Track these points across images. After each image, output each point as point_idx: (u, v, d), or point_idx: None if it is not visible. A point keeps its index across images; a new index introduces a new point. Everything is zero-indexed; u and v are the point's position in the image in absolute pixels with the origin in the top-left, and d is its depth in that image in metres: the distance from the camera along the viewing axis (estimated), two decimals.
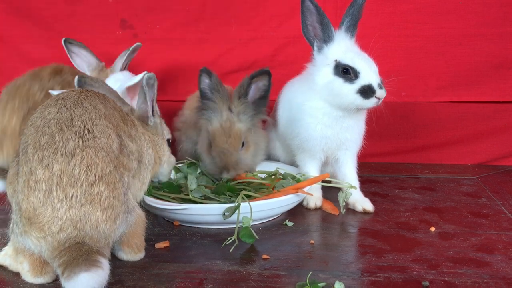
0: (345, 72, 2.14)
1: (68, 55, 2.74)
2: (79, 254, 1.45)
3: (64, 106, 1.59)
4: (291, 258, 1.79)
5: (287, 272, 1.68)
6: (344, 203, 2.18)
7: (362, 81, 2.12)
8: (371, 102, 2.13)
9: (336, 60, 2.17)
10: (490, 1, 2.84)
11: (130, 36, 3.09)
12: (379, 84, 2.12)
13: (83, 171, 1.50)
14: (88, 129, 1.56)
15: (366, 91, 2.11)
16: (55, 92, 1.88)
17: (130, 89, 2.17)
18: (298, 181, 2.21)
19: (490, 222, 2.09)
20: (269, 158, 2.57)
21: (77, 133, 1.54)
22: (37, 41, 3.09)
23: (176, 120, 2.72)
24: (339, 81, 2.16)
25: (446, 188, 2.55)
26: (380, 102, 2.14)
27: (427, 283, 1.59)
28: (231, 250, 1.82)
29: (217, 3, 3.04)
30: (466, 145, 2.98)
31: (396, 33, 2.91)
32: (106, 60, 3.07)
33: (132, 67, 3.01)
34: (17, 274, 1.64)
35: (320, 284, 1.56)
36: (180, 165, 2.38)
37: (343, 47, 2.19)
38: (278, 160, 2.58)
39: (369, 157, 2.83)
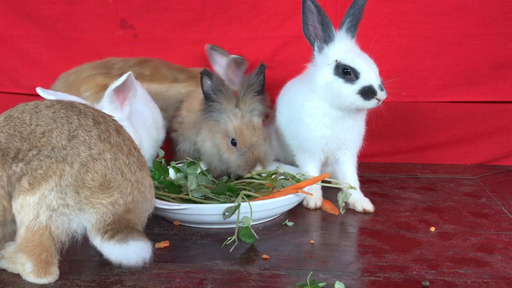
0: (346, 72, 2.14)
1: (209, 61, 2.88)
2: (132, 225, 1.60)
3: (73, 102, 1.73)
4: (291, 258, 1.79)
5: (287, 272, 1.68)
6: (344, 204, 2.18)
7: (362, 82, 2.12)
8: (372, 103, 2.13)
9: (336, 61, 2.17)
10: (490, 1, 2.83)
11: (130, 36, 3.08)
12: (379, 85, 2.12)
13: (131, 142, 1.71)
14: (107, 115, 1.74)
15: (367, 92, 2.11)
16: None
17: (117, 91, 2.17)
18: (298, 181, 2.21)
19: (490, 222, 2.09)
20: None
21: (108, 116, 1.72)
22: (37, 41, 3.09)
23: (174, 121, 2.71)
24: (339, 82, 2.16)
25: (446, 188, 2.55)
26: (380, 103, 2.14)
27: (427, 283, 1.59)
28: (231, 250, 1.82)
29: (217, 3, 3.04)
30: (466, 145, 2.97)
31: (396, 33, 2.91)
32: None
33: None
34: (17, 275, 1.64)
35: (320, 284, 1.56)
36: (180, 165, 2.38)
37: (343, 47, 2.19)
38: (278, 160, 2.58)
39: (369, 157, 2.83)
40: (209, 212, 1.98)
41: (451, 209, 2.25)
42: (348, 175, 2.33)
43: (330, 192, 2.32)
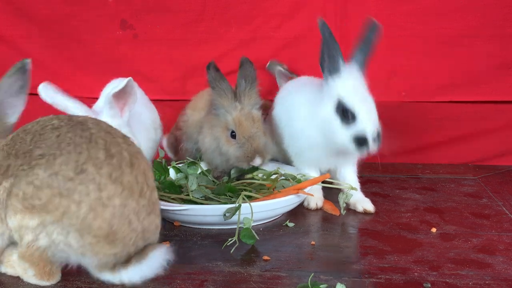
0: (344, 113, 2.09)
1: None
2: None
3: (86, 122, 1.56)
4: (292, 259, 1.78)
5: (288, 273, 1.68)
6: (345, 204, 2.18)
7: (358, 128, 2.07)
8: (362, 152, 2.11)
9: (338, 98, 2.12)
10: (490, 2, 2.83)
11: (130, 37, 3.08)
12: (374, 138, 2.07)
13: (143, 179, 1.53)
14: (124, 136, 1.59)
15: (360, 141, 2.07)
16: None
17: (116, 96, 2.15)
18: (299, 181, 2.21)
19: (491, 223, 2.09)
20: None
21: (123, 142, 1.55)
22: (37, 41, 3.09)
23: (179, 120, 2.72)
24: (336, 121, 2.11)
25: (447, 188, 2.55)
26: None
27: (429, 285, 1.58)
28: (231, 251, 1.82)
29: (217, 3, 3.04)
30: (466, 145, 2.98)
31: (397, 33, 2.91)
32: (106, 61, 3.07)
33: (132, 68, 3.01)
34: (17, 277, 1.64)
35: (322, 286, 1.56)
36: (180, 165, 2.38)
37: (349, 85, 2.12)
38: (277, 160, 2.57)
39: (369, 157, 2.82)
40: (209, 213, 1.98)
41: (452, 210, 2.24)
42: (348, 177, 2.33)
43: (331, 192, 2.32)
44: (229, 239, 1.86)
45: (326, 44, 2.11)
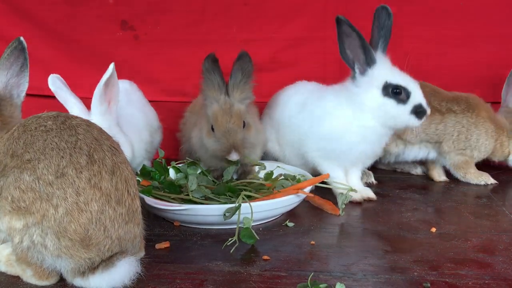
0: (396, 93, 2.17)
1: None
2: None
3: (76, 127, 1.57)
4: (292, 259, 1.78)
5: (288, 273, 1.68)
6: (344, 206, 2.18)
7: (414, 101, 2.17)
8: (421, 122, 2.19)
9: (386, 82, 2.19)
10: (491, 2, 2.84)
11: (130, 37, 3.09)
12: (426, 103, 2.19)
13: (124, 187, 1.56)
14: (113, 146, 1.60)
15: (419, 111, 2.17)
16: None
17: (105, 88, 2.14)
18: (299, 181, 2.21)
19: (491, 223, 2.09)
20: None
21: (108, 150, 1.57)
22: (38, 42, 3.09)
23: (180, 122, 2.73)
24: (391, 103, 2.18)
25: (447, 188, 2.55)
26: None
27: (429, 284, 1.58)
28: (231, 251, 1.82)
29: (217, 4, 3.04)
30: None
31: (398, 34, 2.90)
32: (107, 62, 3.07)
33: (132, 69, 3.01)
34: (16, 277, 1.64)
35: (321, 286, 1.56)
36: (180, 165, 2.38)
37: (387, 68, 2.22)
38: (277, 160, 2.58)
39: None
40: (209, 213, 1.98)
41: (452, 210, 2.24)
42: (353, 180, 2.33)
43: (331, 192, 2.32)
44: (229, 239, 1.86)
45: (359, 38, 2.17)
